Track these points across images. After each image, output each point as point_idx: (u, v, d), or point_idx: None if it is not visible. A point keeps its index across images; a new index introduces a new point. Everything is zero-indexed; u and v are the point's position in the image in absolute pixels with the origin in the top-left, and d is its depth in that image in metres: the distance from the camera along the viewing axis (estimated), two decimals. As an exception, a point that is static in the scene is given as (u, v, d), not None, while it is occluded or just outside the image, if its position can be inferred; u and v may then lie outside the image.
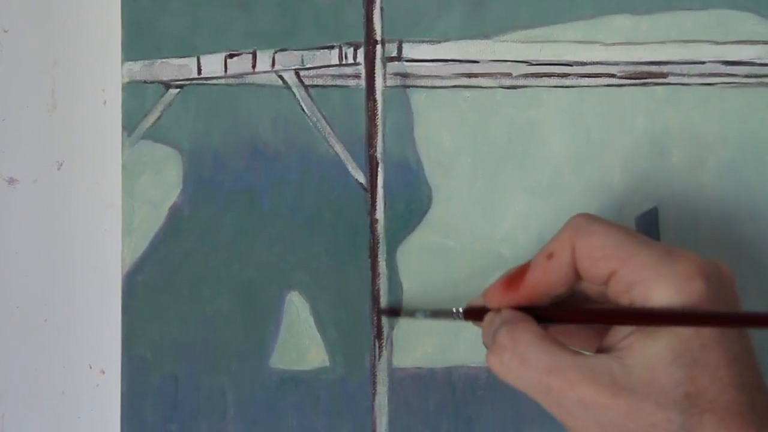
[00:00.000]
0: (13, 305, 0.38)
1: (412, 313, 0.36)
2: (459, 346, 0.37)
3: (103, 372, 0.38)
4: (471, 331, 0.37)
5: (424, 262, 0.37)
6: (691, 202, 0.37)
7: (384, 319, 0.37)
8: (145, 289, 0.37)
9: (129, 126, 0.38)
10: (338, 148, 0.38)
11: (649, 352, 0.28)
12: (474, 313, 0.33)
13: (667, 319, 0.28)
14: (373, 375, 0.37)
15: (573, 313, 0.32)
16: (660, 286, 0.28)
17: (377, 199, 0.37)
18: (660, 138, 0.38)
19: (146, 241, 0.37)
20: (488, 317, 0.32)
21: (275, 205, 0.37)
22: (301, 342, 0.37)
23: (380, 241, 0.37)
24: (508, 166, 0.38)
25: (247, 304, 0.37)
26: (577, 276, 0.30)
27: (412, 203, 0.38)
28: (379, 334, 0.37)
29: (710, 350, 0.27)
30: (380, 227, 0.37)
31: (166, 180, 0.37)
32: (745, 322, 0.28)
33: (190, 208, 0.37)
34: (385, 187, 0.38)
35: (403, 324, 0.37)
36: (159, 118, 0.38)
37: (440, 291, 0.37)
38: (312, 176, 0.38)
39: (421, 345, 0.37)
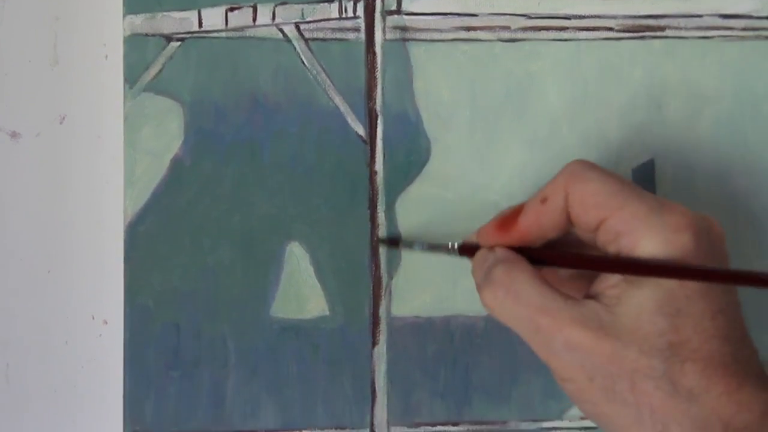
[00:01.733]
0: (17, 257, 0.39)
1: (410, 245, 0.36)
2: (457, 295, 0.37)
3: (106, 322, 0.38)
4: (469, 280, 0.37)
5: (423, 213, 0.38)
6: (688, 155, 0.38)
7: (383, 269, 0.38)
8: (147, 239, 0.38)
9: (131, 79, 0.38)
10: (338, 100, 0.38)
11: (635, 300, 0.28)
12: (468, 250, 0.34)
13: (652, 270, 0.28)
14: (372, 324, 0.37)
15: (563, 257, 0.32)
16: (647, 237, 0.28)
17: (376, 151, 0.38)
18: (657, 91, 0.38)
19: (148, 192, 0.38)
20: (480, 253, 0.33)
21: (276, 157, 0.38)
22: (301, 291, 0.38)
23: (379, 192, 0.38)
24: (506, 118, 0.38)
25: (247, 254, 0.38)
26: (570, 221, 0.31)
27: (411, 155, 0.38)
28: (377, 284, 0.37)
29: (695, 301, 0.28)
30: (379, 179, 0.38)
31: (168, 132, 0.38)
32: (727, 278, 0.29)
33: (191, 160, 0.38)
34: (384, 139, 0.38)
35: (402, 273, 0.38)
36: (160, 71, 0.38)
37: (438, 241, 0.37)
38: (312, 128, 0.38)
39: (420, 294, 0.38)
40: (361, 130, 0.38)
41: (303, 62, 0.38)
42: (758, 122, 0.38)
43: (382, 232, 0.38)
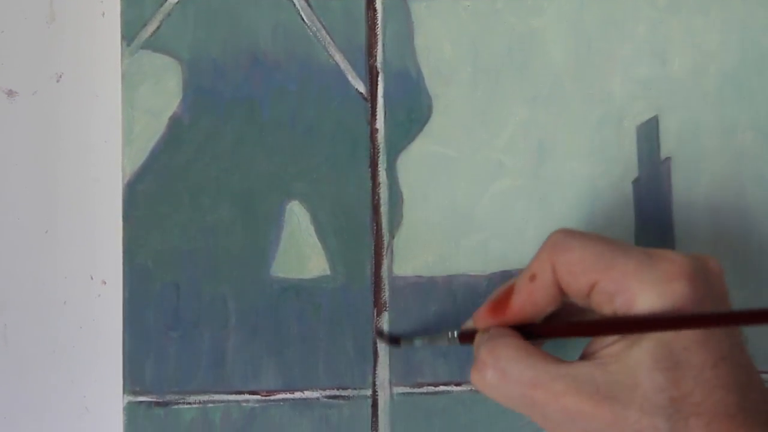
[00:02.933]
0: (14, 217, 0.38)
1: (410, 341, 0.36)
2: (459, 254, 0.37)
3: (105, 282, 0.38)
4: (472, 240, 0.37)
5: (424, 172, 0.37)
6: (692, 111, 0.37)
7: (384, 228, 0.37)
8: (146, 198, 0.37)
9: (128, 36, 0.37)
10: (338, 57, 0.37)
11: (631, 357, 0.27)
12: (468, 337, 0.33)
13: (649, 325, 0.27)
14: (374, 284, 0.37)
15: (560, 328, 0.31)
16: (642, 293, 0.27)
17: (377, 109, 0.37)
18: (661, 46, 0.37)
19: (146, 151, 0.37)
20: (478, 337, 0.32)
21: (275, 115, 0.37)
22: (301, 251, 0.37)
23: (380, 150, 0.37)
24: (508, 75, 0.37)
25: (247, 213, 0.37)
26: (562, 293, 0.30)
27: (413, 113, 0.38)
28: (379, 243, 0.37)
29: (694, 352, 0.27)
30: (380, 137, 0.37)
31: (166, 89, 0.37)
32: (728, 320, 0.28)
33: (190, 118, 0.37)
34: (385, 96, 0.37)
35: (404, 232, 0.37)
36: (158, 27, 0.37)
37: (440, 200, 0.37)
38: (312, 86, 0.37)
39: (422, 254, 0.37)
40: (361, 88, 0.37)
41: (302, 19, 0.38)
42: (764, 77, 0.37)
43: (383, 198, 0.37)
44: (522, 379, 0.29)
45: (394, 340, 0.36)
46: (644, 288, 0.27)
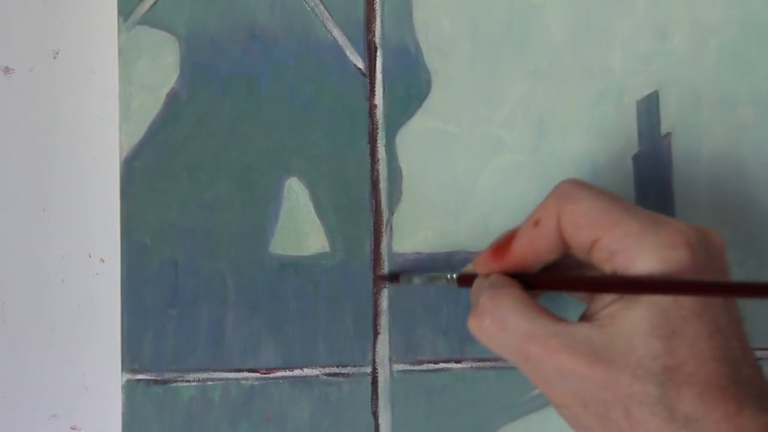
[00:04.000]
0: (11, 195, 0.38)
1: (409, 279, 0.35)
2: (459, 230, 0.37)
3: (103, 260, 0.38)
4: (472, 215, 0.37)
5: (424, 148, 0.37)
6: (693, 86, 0.37)
7: (384, 204, 0.37)
8: (144, 174, 0.37)
9: (125, 11, 0.37)
10: (336, 33, 0.37)
11: (629, 321, 0.27)
12: (467, 279, 0.33)
13: (647, 287, 0.27)
14: (374, 260, 0.37)
15: (559, 280, 0.31)
16: (642, 255, 0.27)
17: (376, 85, 0.37)
18: (661, 21, 0.37)
19: (144, 127, 0.37)
20: (477, 282, 0.32)
21: (273, 91, 0.37)
22: (300, 227, 0.37)
23: (379, 126, 0.37)
24: (508, 50, 0.37)
25: (246, 190, 0.37)
26: (565, 243, 0.30)
27: (411, 88, 0.37)
28: (378, 219, 0.37)
29: (690, 322, 0.27)
30: (379, 112, 0.37)
31: (163, 65, 0.37)
32: (726, 290, 0.28)
33: (187, 94, 0.37)
34: (383, 72, 0.37)
35: (403, 208, 0.37)
36: (155, 2, 0.37)
37: (440, 176, 0.37)
38: (310, 61, 0.37)
39: (422, 230, 0.37)
40: (360, 63, 0.37)
41: (300, -6, 0.37)
42: (764, 52, 0.37)
43: (382, 175, 0.37)
44: (519, 331, 0.29)
45: (393, 277, 0.36)
46: (645, 250, 0.27)
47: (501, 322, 0.29)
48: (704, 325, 0.27)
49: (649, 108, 0.37)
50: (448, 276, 0.34)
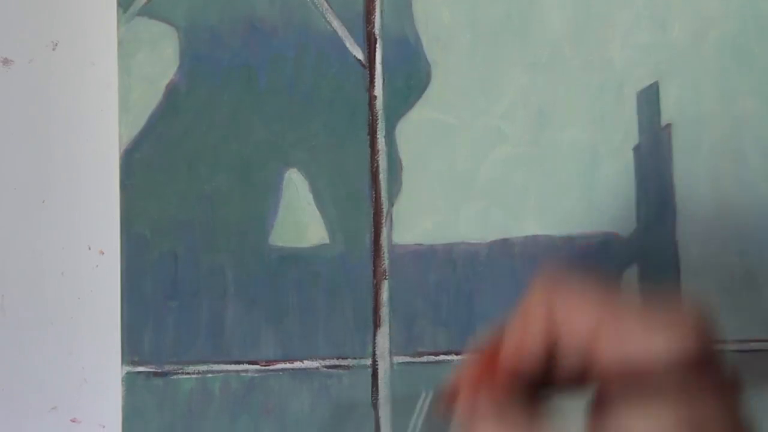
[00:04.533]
0: (11, 186, 0.38)
1: None
2: (459, 222, 0.37)
3: (103, 252, 0.38)
4: (471, 207, 0.37)
5: (424, 139, 0.37)
6: (693, 77, 0.37)
7: (384, 195, 0.37)
8: (143, 166, 0.37)
9: (124, 2, 0.37)
10: (336, 24, 0.37)
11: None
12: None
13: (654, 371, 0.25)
14: (374, 252, 0.37)
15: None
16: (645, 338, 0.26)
17: (375, 76, 0.37)
18: (661, 12, 0.37)
19: (143, 119, 0.37)
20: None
21: (272, 83, 0.37)
22: (300, 219, 0.37)
23: (379, 117, 0.37)
24: (507, 41, 0.37)
25: (245, 182, 0.37)
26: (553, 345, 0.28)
27: (411, 79, 0.37)
28: (378, 211, 0.37)
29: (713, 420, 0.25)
30: (379, 104, 0.37)
31: (163, 57, 0.37)
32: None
33: (187, 86, 0.37)
34: (383, 63, 0.37)
35: (403, 200, 0.37)
36: (154, -6, 0.37)
37: (440, 167, 0.37)
38: (309, 53, 0.37)
39: (421, 222, 0.37)
40: (359, 54, 0.37)
41: (300, -14, 0.37)
42: (764, 42, 0.37)
43: (382, 166, 0.37)
44: None
45: None
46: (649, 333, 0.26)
47: None
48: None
49: (650, 99, 0.37)
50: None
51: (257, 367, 0.36)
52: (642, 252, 0.36)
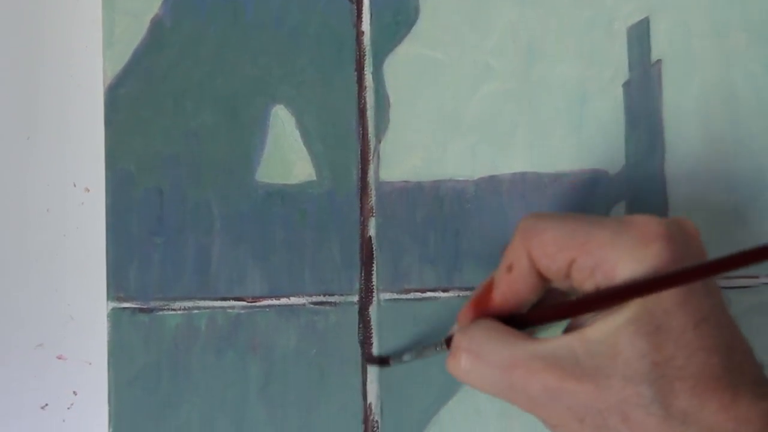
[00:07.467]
0: (-5, 123, 0.38)
1: (400, 358, 0.35)
2: (447, 159, 0.36)
3: (88, 189, 0.38)
4: (459, 144, 0.36)
5: (412, 75, 0.37)
6: (684, 12, 0.36)
7: (371, 132, 0.37)
8: (128, 102, 0.36)
9: (108, -64, 0.37)
10: (323, -42, 0.37)
11: (611, 325, 0.26)
12: None
13: (633, 291, 0.26)
14: (361, 189, 0.36)
15: (543, 312, 0.30)
16: (620, 261, 0.27)
17: (363, 11, 0.37)
18: (652, -54, 0.37)
19: (128, 54, 0.37)
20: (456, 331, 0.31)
21: (259, 17, 0.37)
22: (287, 156, 0.37)
23: (366, 53, 0.37)
24: (496, -25, 0.37)
25: (231, 118, 0.37)
26: (542, 279, 0.29)
27: (399, 14, 0.37)
28: (365, 147, 0.37)
29: (673, 314, 0.26)
30: (366, 39, 0.37)
31: (147, -9, 0.37)
32: (710, 270, 0.26)
33: (172, 20, 0.37)
34: (371, -2, 0.37)
35: (391, 137, 0.37)
36: (138, -73, 0.37)
37: (427, 104, 0.37)
38: (296, -13, 0.37)
39: (409, 158, 0.37)
40: (347, -11, 0.37)
41: None
42: (757, -23, 0.36)
43: (369, 102, 0.36)
44: (498, 360, 0.28)
45: (383, 360, 0.36)
46: (622, 256, 0.27)
47: (477, 354, 0.28)
48: (688, 316, 0.26)
49: (640, 35, 0.37)
50: (436, 345, 0.33)
51: (243, 303, 0.36)
52: (631, 189, 0.36)
